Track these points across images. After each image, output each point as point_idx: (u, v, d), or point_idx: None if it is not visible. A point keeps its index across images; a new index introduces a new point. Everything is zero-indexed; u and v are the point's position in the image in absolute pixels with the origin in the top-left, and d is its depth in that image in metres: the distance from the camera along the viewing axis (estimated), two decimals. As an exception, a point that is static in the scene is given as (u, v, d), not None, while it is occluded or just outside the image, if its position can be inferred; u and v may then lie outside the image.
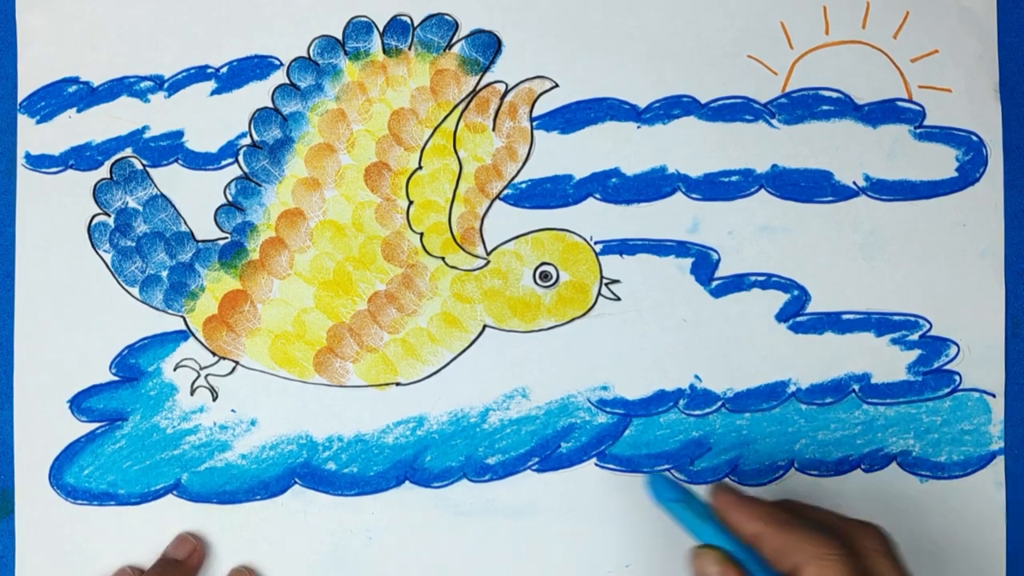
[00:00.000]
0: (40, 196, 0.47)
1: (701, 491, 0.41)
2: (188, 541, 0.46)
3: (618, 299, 0.47)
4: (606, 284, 0.47)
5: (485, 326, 0.47)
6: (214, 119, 0.47)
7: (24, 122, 0.47)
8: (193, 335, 0.47)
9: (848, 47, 0.47)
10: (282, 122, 0.47)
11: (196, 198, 0.47)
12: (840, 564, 0.38)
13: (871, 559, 0.39)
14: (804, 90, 0.47)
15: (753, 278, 0.47)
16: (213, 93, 0.47)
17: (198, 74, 0.47)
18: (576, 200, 0.47)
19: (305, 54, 0.47)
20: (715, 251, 0.47)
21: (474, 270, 0.47)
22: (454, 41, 0.47)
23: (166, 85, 0.47)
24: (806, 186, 0.47)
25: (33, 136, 0.47)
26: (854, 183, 0.47)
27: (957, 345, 0.47)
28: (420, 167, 0.47)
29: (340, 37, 0.47)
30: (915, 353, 0.47)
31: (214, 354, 0.47)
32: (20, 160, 0.47)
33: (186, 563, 0.46)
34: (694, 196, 0.47)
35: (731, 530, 0.39)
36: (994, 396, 0.47)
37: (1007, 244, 0.47)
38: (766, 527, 0.39)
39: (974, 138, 0.47)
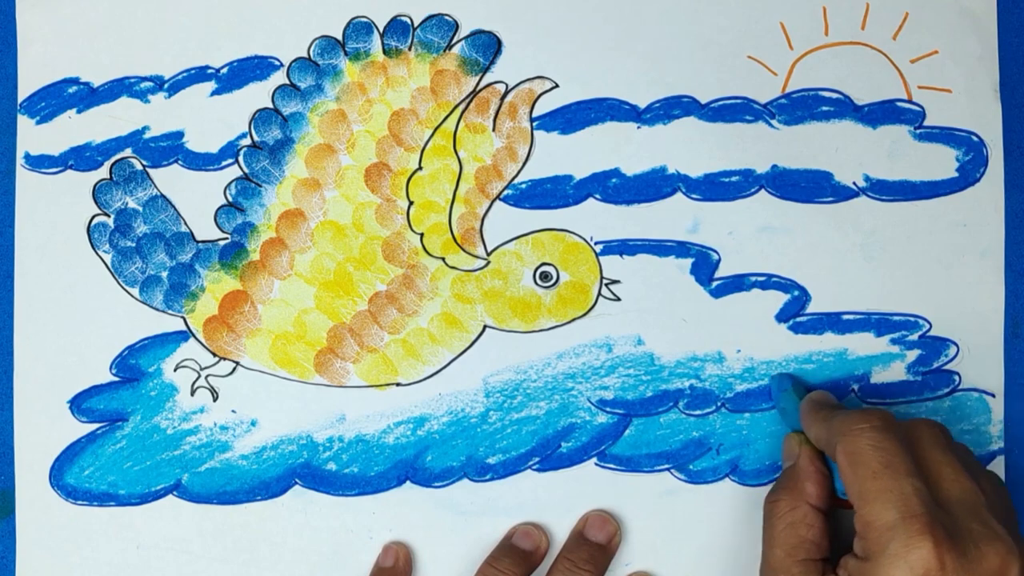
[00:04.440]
0: (40, 196, 0.47)
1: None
2: (392, 550, 0.46)
3: (618, 299, 0.47)
4: (606, 284, 0.47)
5: (485, 326, 0.47)
6: (214, 120, 0.47)
7: (24, 122, 0.47)
8: (193, 336, 0.47)
9: (848, 48, 0.47)
10: (282, 123, 0.47)
11: (196, 199, 0.47)
12: (872, 434, 0.38)
13: (921, 445, 0.38)
14: (804, 91, 0.47)
15: (753, 278, 0.47)
16: (213, 93, 0.47)
17: (198, 74, 0.47)
18: (576, 200, 0.47)
19: (305, 54, 0.47)
20: (715, 251, 0.47)
21: (474, 270, 0.47)
22: (454, 41, 0.47)
23: (166, 85, 0.47)
24: (806, 186, 0.47)
25: (33, 136, 0.47)
26: (854, 183, 0.47)
27: (957, 345, 0.47)
28: (420, 167, 0.47)
29: (340, 38, 0.47)
30: (915, 353, 0.47)
31: (214, 355, 0.47)
32: (20, 160, 0.47)
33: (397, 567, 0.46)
34: (694, 196, 0.47)
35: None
36: (993, 396, 0.47)
37: (1007, 244, 0.47)
38: (820, 424, 0.41)
39: (974, 138, 0.47)
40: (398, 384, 0.47)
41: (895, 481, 0.37)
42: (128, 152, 0.47)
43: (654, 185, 0.47)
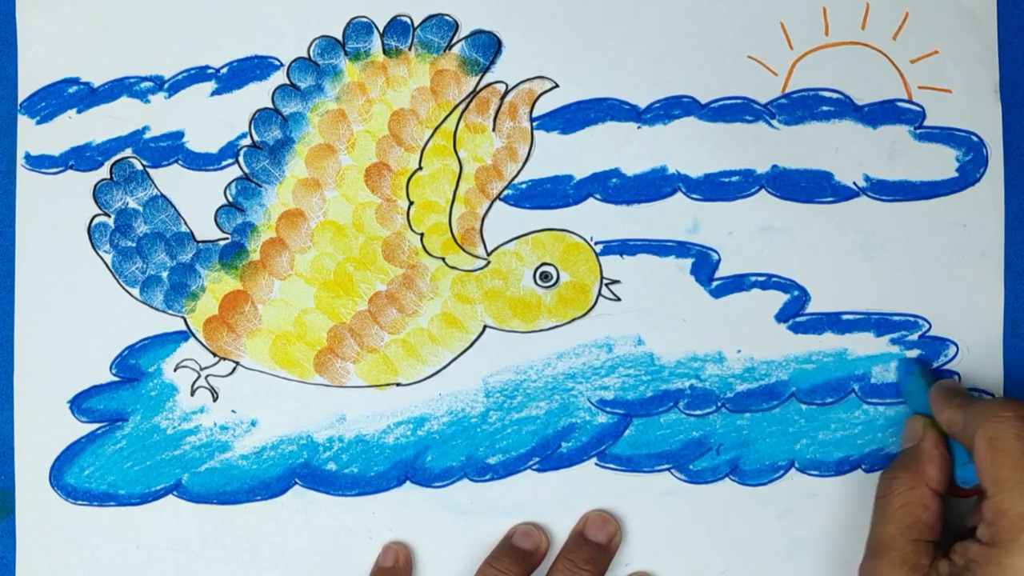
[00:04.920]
0: (40, 196, 0.47)
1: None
2: (391, 549, 0.46)
3: (618, 299, 0.47)
4: (606, 284, 0.47)
5: (486, 326, 0.47)
6: (214, 120, 0.47)
7: (24, 122, 0.47)
8: (193, 336, 0.47)
9: (848, 48, 0.47)
10: (282, 123, 0.47)
11: (196, 199, 0.47)
12: (1017, 423, 0.38)
13: None
14: (804, 91, 0.47)
15: (753, 278, 0.47)
16: (213, 94, 0.47)
17: (198, 74, 0.47)
18: (576, 200, 0.47)
19: (305, 54, 0.47)
20: (715, 251, 0.47)
21: (474, 270, 0.47)
22: (454, 41, 0.47)
23: (166, 86, 0.47)
24: (806, 186, 0.47)
25: (33, 137, 0.47)
26: (854, 183, 0.47)
27: (956, 345, 0.47)
28: (420, 167, 0.47)
29: (340, 38, 0.47)
30: (915, 353, 0.47)
31: (214, 355, 0.47)
32: (20, 160, 0.47)
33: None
34: (694, 196, 0.47)
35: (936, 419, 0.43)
36: (993, 396, 0.47)
37: (1007, 244, 0.47)
38: (954, 409, 0.41)
39: (974, 138, 0.47)
40: (398, 384, 0.47)
41: None
42: (128, 152, 0.47)
43: (654, 185, 0.47)
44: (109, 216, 0.47)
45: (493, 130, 0.47)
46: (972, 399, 0.42)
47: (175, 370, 0.47)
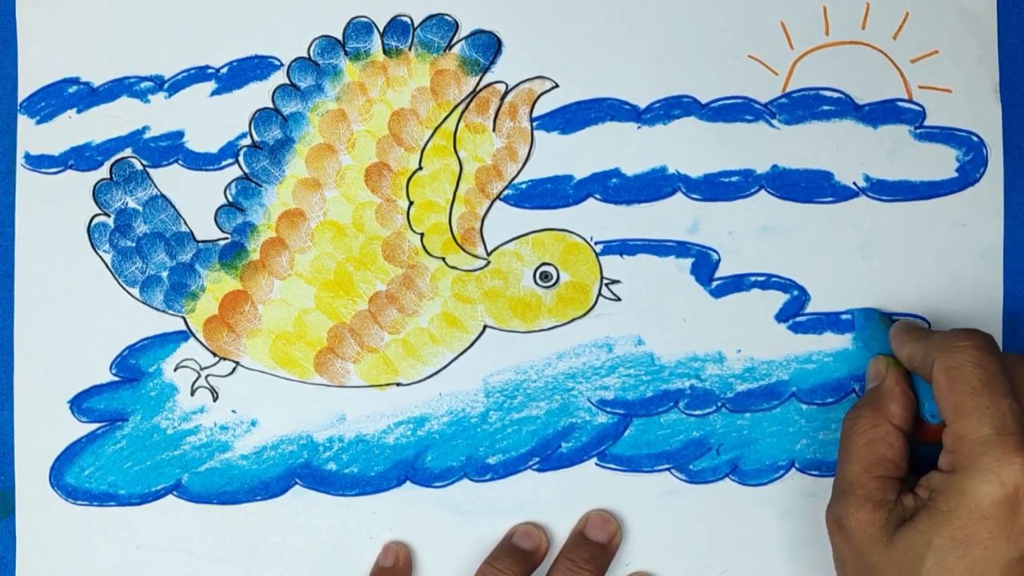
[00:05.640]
0: (40, 196, 0.47)
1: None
2: (392, 549, 0.47)
3: (618, 299, 0.47)
4: (606, 284, 0.47)
5: (486, 326, 0.47)
6: (214, 119, 0.47)
7: (24, 122, 0.47)
8: (193, 336, 0.47)
9: (848, 47, 0.47)
10: (282, 122, 0.47)
11: (196, 198, 0.47)
12: (974, 352, 0.38)
13: (1015, 372, 0.39)
14: (804, 90, 0.47)
15: (753, 278, 0.47)
16: (213, 93, 0.47)
17: (198, 74, 0.47)
18: (576, 200, 0.47)
19: (305, 54, 0.47)
20: (715, 251, 0.47)
21: (475, 270, 0.47)
22: (454, 41, 0.47)
23: (166, 85, 0.47)
24: (806, 186, 0.47)
25: (33, 136, 0.47)
26: (854, 183, 0.47)
27: (956, 345, 0.47)
28: (420, 167, 0.47)
29: (340, 37, 0.47)
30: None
31: (214, 355, 0.47)
32: (20, 160, 0.47)
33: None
34: (694, 196, 0.47)
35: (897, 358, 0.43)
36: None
37: (1007, 244, 0.47)
38: (914, 342, 0.41)
39: (974, 138, 0.47)
40: (398, 384, 0.47)
41: (993, 399, 0.37)
42: (128, 152, 0.47)
43: (654, 185, 0.47)
44: (109, 216, 0.47)
45: (493, 130, 0.47)
46: (930, 332, 0.42)
47: (175, 370, 0.47)
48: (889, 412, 0.42)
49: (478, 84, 0.47)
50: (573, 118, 0.47)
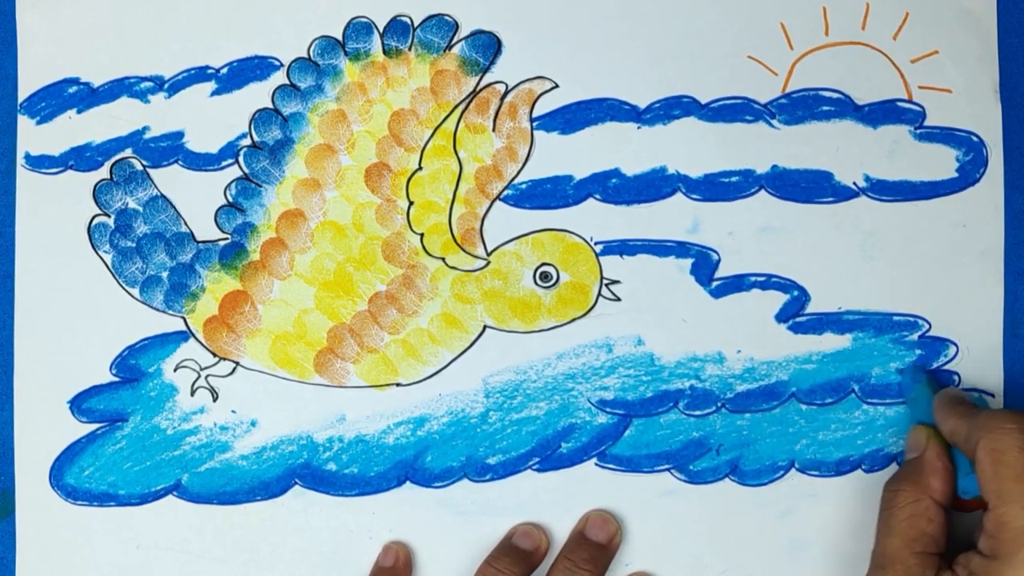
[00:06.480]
0: (40, 197, 0.47)
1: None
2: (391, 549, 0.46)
3: (618, 299, 0.47)
4: (606, 284, 0.47)
5: (485, 327, 0.47)
6: (214, 120, 0.47)
7: (24, 123, 0.47)
8: (193, 336, 0.47)
9: (848, 48, 0.47)
10: (282, 123, 0.47)
11: (196, 199, 0.47)
12: (1020, 435, 0.38)
13: None
14: (804, 91, 0.47)
15: (753, 278, 0.47)
16: (213, 94, 0.47)
17: (198, 75, 0.47)
18: (576, 201, 0.47)
19: (305, 55, 0.47)
20: (715, 251, 0.47)
21: (474, 271, 0.47)
22: (454, 42, 0.47)
23: (166, 86, 0.47)
24: (806, 186, 0.47)
25: (33, 137, 0.47)
26: (854, 183, 0.47)
27: (956, 345, 0.47)
28: (420, 168, 0.47)
29: (340, 38, 0.47)
30: (915, 353, 0.47)
31: (214, 355, 0.47)
32: (20, 161, 0.47)
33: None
34: (694, 197, 0.47)
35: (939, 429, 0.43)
36: (993, 396, 0.47)
37: (1007, 244, 0.47)
38: (957, 419, 0.41)
39: (974, 138, 0.47)
40: (398, 384, 0.47)
41: None
42: (128, 152, 0.47)
43: (654, 185, 0.47)
44: (109, 216, 0.47)
45: (493, 130, 0.47)
46: (976, 409, 0.42)
47: (175, 370, 0.47)
48: (930, 487, 0.41)
49: (478, 84, 0.47)
50: (573, 118, 0.47)
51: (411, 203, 0.47)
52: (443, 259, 0.47)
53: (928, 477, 0.42)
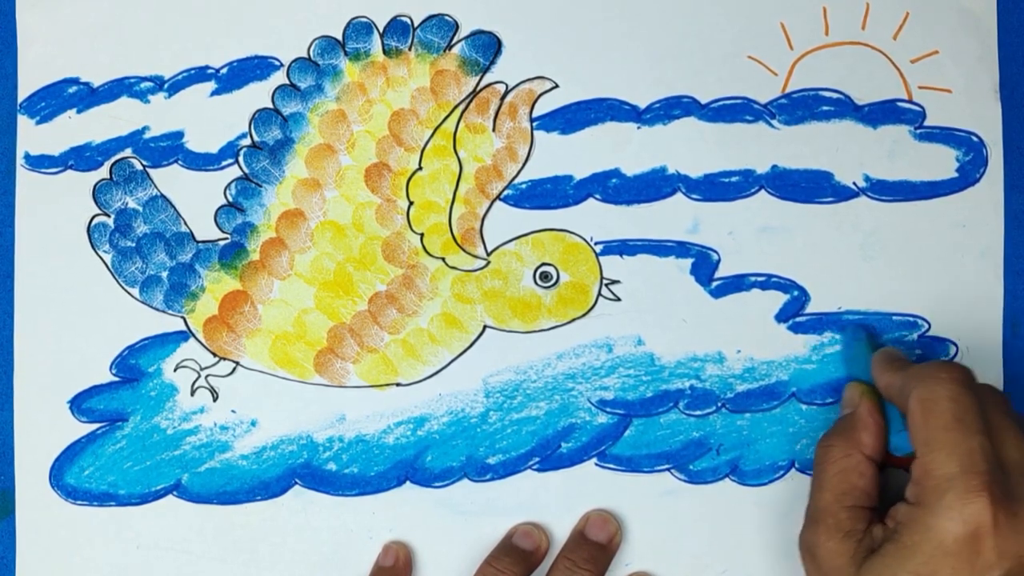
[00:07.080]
0: (40, 196, 0.47)
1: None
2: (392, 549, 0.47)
3: (618, 299, 0.47)
4: (606, 284, 0.47)
5: (485, 327, 0.47)
6: (214, 120, 0.47)
7: (24, 122, 0.47)
8: (193, 336, 0.47)
9: (848, 48, 0.47)
10: (282, 123, 0.47)
11: (196, 199, 0.47)
12: (951, 385, 0.38)
13: (988, 407, 0.39)
14: (804, 91, 0.47)
15: (753, 278, 0.47)
16: (213, 94, 0.47)
17: (198, 75, 0.47)
18: (576, 200, 0.47)
19: (305, 55, 0.47)
20: (715, 251, 0.47)
21: (474, 271, 0.47)
22: (454, 42, 0.47)
23: (166, 86, 0.47)
24: (806, 186, 0.47)
25: (33, 136, 0.47)
26: (854, 183, 0.47)
27: (956, 345, 0.47)
28: (420, 168, 0.47)
29: (340, 38, 0.47)
30: (914, 353, 0.47)
31: (214, 355, 0.47)
32: (20, 160, 0.47)
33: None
34: (694, 197, 0.47)
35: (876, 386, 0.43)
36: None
37: (1007, 244, 0.47)
38: (893, 372, 0.41)
39: (974, 138, 0.47)
40: (398, 384, 0.47)
41: (964, 436, 0.37)
42: (128, 152, 0.47)
43: (654, 185, 0.47)
44: (109, 216, 0.47)
45: (493, 130, 0.47)
46: (911, 363, 0.42)
47: (175, 370, 0.47)
48: (861, 442, 0.42)
49: (478, 84, 0.47)
50: (573, 118, 0.47)
51: (411, 203, 0.47)
52: (443, 259, 0.47)
53: (860, 432, 0.42)
